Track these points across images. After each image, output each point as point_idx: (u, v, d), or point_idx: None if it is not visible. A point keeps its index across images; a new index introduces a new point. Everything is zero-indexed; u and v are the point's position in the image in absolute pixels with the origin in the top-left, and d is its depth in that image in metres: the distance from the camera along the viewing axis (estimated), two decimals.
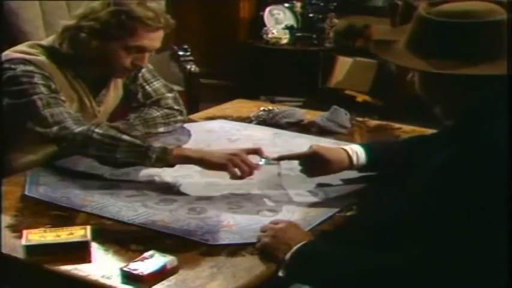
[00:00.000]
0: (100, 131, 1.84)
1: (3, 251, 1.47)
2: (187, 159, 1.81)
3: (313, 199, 1.75)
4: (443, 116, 1.42)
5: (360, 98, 4.74)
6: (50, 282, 1.44)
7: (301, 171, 1.83)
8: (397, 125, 2.32)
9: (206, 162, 1.80)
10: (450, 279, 1.24)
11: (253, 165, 1.77)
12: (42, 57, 1.97)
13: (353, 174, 1.85)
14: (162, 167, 1.82)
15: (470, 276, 1.24)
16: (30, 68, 1.92)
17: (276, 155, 1.84)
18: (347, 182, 1.84)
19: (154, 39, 1.99)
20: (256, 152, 1.82)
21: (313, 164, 1.81)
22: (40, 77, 1.92)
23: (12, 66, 1.92)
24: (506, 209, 1.22)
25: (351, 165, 1.80)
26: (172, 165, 1.82)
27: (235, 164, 1.76)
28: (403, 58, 1.38)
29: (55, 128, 1.86)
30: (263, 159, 1.81)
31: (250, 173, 1.76)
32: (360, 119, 2.39)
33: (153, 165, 1.81)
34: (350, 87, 4.82)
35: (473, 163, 1.25)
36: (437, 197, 1.27)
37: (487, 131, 1.29)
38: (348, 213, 1.67)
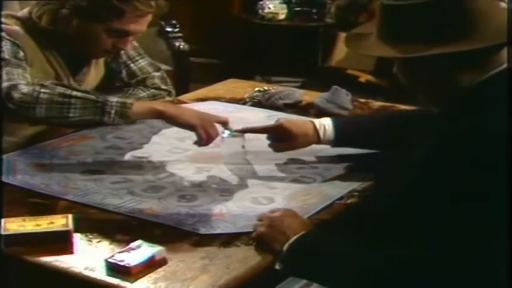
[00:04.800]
0: (47, 90, 1.81)
1: None
2: (152, 113, 1.82)
3: (282, 175, 1.81)
4: (428, 104, 1.46)
5: (363, 77, 4.75)
6: (29, 274, 1.45)
7: (269, 145, 1.89)
8: (402, 107, 2.34)
9: (173, 118, 1.81)
10: (449, 277, 1.26)
11: (218, 135, 1.83)
12: (16, 28, 1.98)
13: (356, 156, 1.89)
14: (123, 123, 1.83)
15: (469, 273, 1.26)
16: (1, 33, 1.93)
17: (240, 127, 1.90)
18: (348, 167, 1.86)
19: (141, 24, 1.99)
20: (223, 122, 1.85)
21: (279, 137, 1.87)
22: (9, 43, 1.93)
23: None
24: (503, 203, 1.24)
25: (318, 139, 1.86)
26: (133, 121, 1.83)
27: (205, 128, 1.79)
28: (373, 48, 1.41)
29: (5, 85, 1.83)
30: (226, 131, 1.86)
31: (210, 143, 1.81)
32: (362, 100, 2.41)
33: (113, 122, 1.81)
34: (352, 66, 4.83)
35: (457, 156, 1.27)
36: (428, 189, 1.30)
37: (470, 119, 1.31)
38: (349, 201, 1.68)
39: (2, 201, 1.54)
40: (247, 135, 1.91)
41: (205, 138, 1.80)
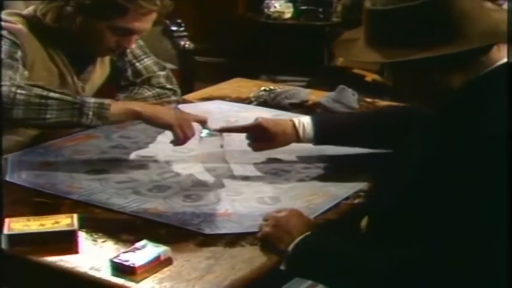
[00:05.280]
0: (24, 91, 1.78)
1: None
2: (130, 114, 1.83)
3: (258, 174, 1.82)
4: (421, 106, 1.46)
5: (369, 77, 4.75)
6: (34, 274, 1.45)
7: (248, 145, 1.91)
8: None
9: (151, 118, 1.83)
10: (449, 277, 1.26)
11: (194, 134, 1.85)
12: (20, 26, 1.98)
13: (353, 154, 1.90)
14: (102, 124, 1.83)
15: (469, 273, 1.26)
16: (2, 32, 1.93)
17: (218, 126, 1.91)
18: (354, 167, 1.86)
19: (145, 22, 1.99)
20: (202, 121, 1.87)
21: (257, 137, 1.88)
22: (8, 43, 1.93)
23: None
24: (502, 203, 1.23)
25: (297, 138, 1.87)
26: (112, 122, 1.85)
27: (181, 127, 1.81)
28: (361, 54, 1.41)
29: None
30: (205, 131, 1.88)
31: (186, 142, 1.84)
32: (368, 99, 2.40)
33: (91, 123, 1.81)
34: (358, 66, 4.82)
35: (454, 156, 1.27)
36: (427, 189, 1.30)
37: (463, 119, 1.31)
38: (355, 201, 1.68)
39: (2, 200, 1.54)
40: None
41: (181, 137, 1.82)
